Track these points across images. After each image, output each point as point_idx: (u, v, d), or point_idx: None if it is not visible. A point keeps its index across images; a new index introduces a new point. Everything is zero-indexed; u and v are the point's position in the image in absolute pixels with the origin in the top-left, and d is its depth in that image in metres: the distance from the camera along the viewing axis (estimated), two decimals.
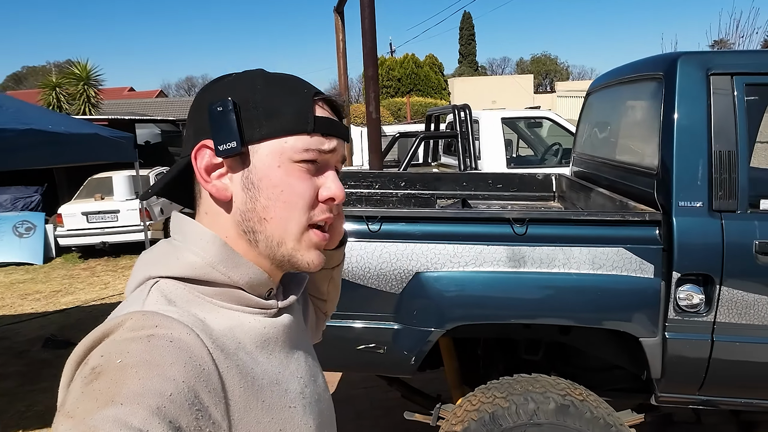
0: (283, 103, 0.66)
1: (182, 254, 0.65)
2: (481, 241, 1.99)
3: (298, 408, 0.68)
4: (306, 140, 0.66)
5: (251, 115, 0.65)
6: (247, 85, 0.67)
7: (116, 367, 0.50)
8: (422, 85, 31.41)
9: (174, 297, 0.62)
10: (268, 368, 0.66)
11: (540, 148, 7.08)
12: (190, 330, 0.57)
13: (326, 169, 0.70)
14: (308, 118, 0.67)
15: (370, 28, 4.60)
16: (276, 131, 0.66)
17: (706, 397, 2.05)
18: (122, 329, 0.55)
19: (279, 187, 0.66)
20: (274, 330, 0.69)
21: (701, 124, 1.96)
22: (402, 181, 3.55)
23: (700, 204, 1.93)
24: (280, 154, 0.66)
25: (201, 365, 0.55)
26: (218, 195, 0.66)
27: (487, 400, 2.05)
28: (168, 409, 0.49)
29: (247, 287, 0.67)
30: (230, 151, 0.64)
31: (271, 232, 0.67)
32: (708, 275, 1.91)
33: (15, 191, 9.62)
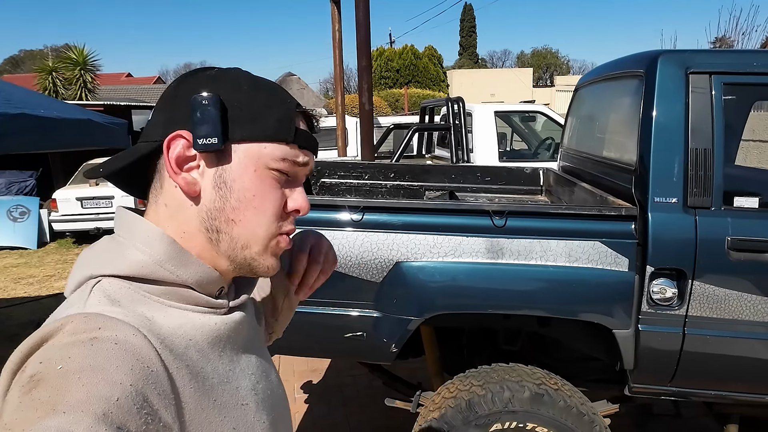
0: (268, 109, 0.66)
1: (128, 251, 0.63)
2: (460, 232, 2.03)
3: (251, 405, 0.68)
4: (284, 149, 0.67)
5: (235, 114, 0.64)
6: (232, 84, 0.66)
7: (57, 374, 0.48)
8: (421, 77, 31.32)
9: (118, 297, 0.60)
10: (218, 366, 0.65)
11: (533, 143, 7.12)
12: (136, 331, 0.55)
13: (295, 182, 0.71)
14: (291, 128, 0.67)
15: (364, 19, 4.61)
16: (257, 135, 0.65)
17: (677, 389, 2.10)
18: (62, 333, 0.52)
19: (251, 191, 0.65)
20: (224, 327, 0.67)
21: (679, 121, 2.00)
22: (391, 172, 3.59)
23: (675, 200, 1.98)
24: (257, 159, 0.65)
25: (149, 367, 0.53)
26: (186, 189, 0.64)
27: (464, 388, 2.10)
28: (115, 415, 0.47)
29: (197, 286, 0.65)
30: (209, 147, 0.63)
31: (237, 235, 0.66)
32: (681, 270, 1.96)
33: (9, 175, 9.61)
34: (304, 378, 3.90)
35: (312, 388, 3.79)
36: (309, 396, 3.67)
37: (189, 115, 0.63)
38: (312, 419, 3.38)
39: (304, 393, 3.71)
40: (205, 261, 0.67)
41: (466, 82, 30.38)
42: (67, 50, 16.82)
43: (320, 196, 3.10)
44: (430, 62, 32.36)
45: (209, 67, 0.69)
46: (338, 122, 7.56)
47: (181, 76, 0.69)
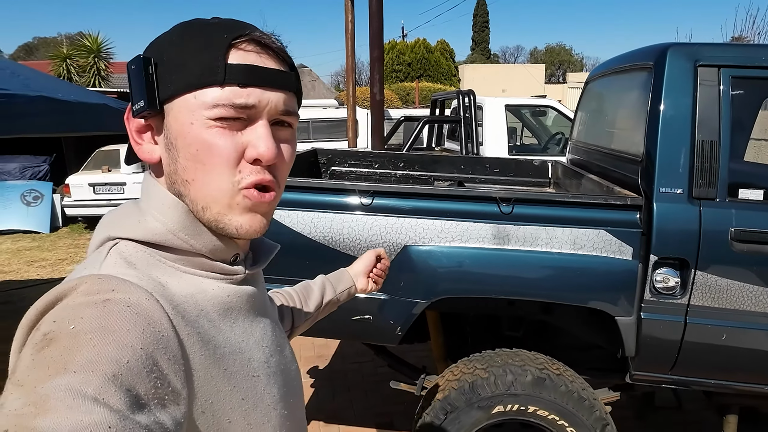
0: (193, 54, 0.60)
1: (144, 218, 0.63)
2: (468, 218, 2.07)
3: (262, 377, 0.67)
4: (216, 93, 0.59)
5: (164, 70, 0.61)
6: (165, 39, 0.63)
7: (69, 334, 0.48)
8: (432, 71, 31.25)
9: (134, 259, 0.60)
10: (230, 336, 0.64)
11: (543, 137, 7.12)
12: (149, 294, 0.55)
13: (253, 125, 0.62)
14: (216, 68, 0.59)
15: (377, 10, 4.64)
16: (184, 86, 0.60)
17: (678, 377, 2.14)
18: (76, 293, 0.52)
19: (193, 145, 0.60)
20: (237, 298, 0.67)
21: (686, 113, 2.02)
22: (401, 162, 3.62)
23: (680, 191, 2.00)
24: (191, 111, 0.60)
25: (160, 331, 0.53)
26: (145, 158, 0.64)
27: (468, 371, 2.15)
28: (125, 377, 0.47)
29: (210, 254, 0.64)
30: (140, 110, 0.61)
31: (194, 196, 0.62)
32: (684, 259, 1.99)
33: (24, 160, 9.72)
34: (311, 363, 3.97)
35: (318, 373, 3.85)
36: (315, 381, 3.74)
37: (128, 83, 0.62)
38: (317, 403, 3.44)
39: (310, 378, 3.77)
40: None
41: (477, 77, 30.26)
42: (81, 38, 16.92)
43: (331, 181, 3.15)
44: (442, 56, 32.26)
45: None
46: (349, 114, 7.60)
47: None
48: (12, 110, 3.08)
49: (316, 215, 2.10)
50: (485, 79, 29.68)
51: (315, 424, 3.20)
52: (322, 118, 8.57)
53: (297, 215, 2.11)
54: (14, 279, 6.31)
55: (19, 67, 3.98)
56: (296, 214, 2.11)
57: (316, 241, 2.09)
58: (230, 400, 0.61)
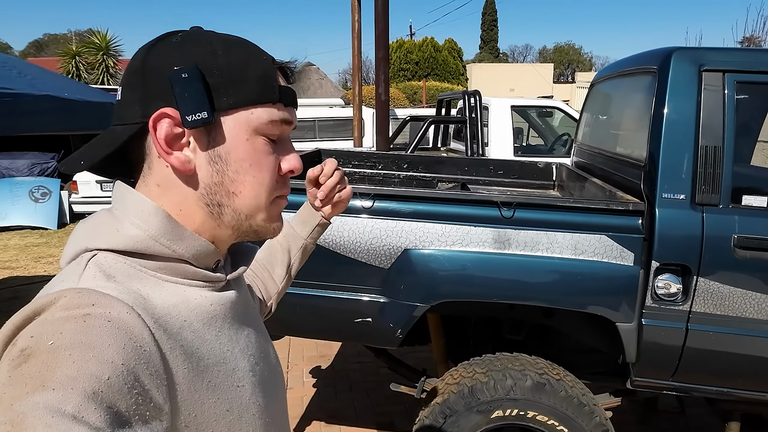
0: (247, 69, 0.63)
1: (122, 226, 0.61)
2: (469, 222, 2.07)
3: (247, 387, 0.67)
4: (271, 111, 0.64)
5: (215, 82, 0.61)
6: (205, 49, 0.62)
7: (48, 349, 0.47)
8: (440, 70, 31.18)
9: (113, 272, 0.59)
10: (215, 347, 0.63)
11: (550, 138, 7.09)
12: (130, 309, 0.53)
13: (285, 141, 0.69)
14: (274, 87, 0.64)
15: (383, 10, 4.64)
16: (243, 100, 0.62)
17: (679, 384, 2.12)
18: (55, 308, 0.51)
19: (247, 160, 0.63)
20: (221, 306, 0.66)
21: (690, 118, 2.01)
22: (405, 163, 3.62)
23: (683, 197, 1.99)
24: (247, 125, 0.63)
25: (141, 346, 0.52)
26: (181, 168, 0.62)
27: (468, 375, 2.15)
28: (105, 394, 0.46)
29: (193, 259, 0.64)
30: (200, 122, 0.60)
31: (239, 206, 0.65)
32: (686, 266, 1.98)
33: (32, 157, 9.80)
34: (313, 363, 3.98)
35: (320, 372, 3.86)
36: (317, 380, 3.74)
37: (169, 91, 0.60)
38: (319, 403, 3.45)
39: (313, 377, 3.78)
40: (204, 234, 0.66)
41: (485, 76, 30.18)
42: (90, 35, 17.05)
43: None
44: (450, 55, 32.18)
45: (171, 33, 0.65)
46: (355, 113, 7.60)
47: (145, 47, 0.64)
48: (18, 109, 3.10)
49: None
50: (493, 79, 29.60)
51: (316, 424, 3.21)
52: (327, 117, 8.57)
53: None
54: (21, 275, 6.36)
55: (26, 66, 4.01)
56: None
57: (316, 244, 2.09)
58: (214, 412, 0.61)
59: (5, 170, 9.55)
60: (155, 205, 0.62)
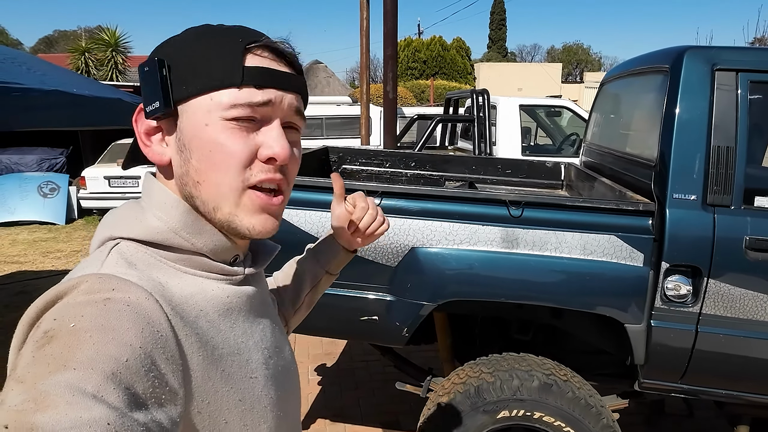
0: (210, 57, 0.62)
1: (145, 217, 0.63)
2: (476, 220, 2.05)
3: (260, 379, 0.67)
4: (233, 94, 0.61)
5: (179, 72, 0.62)
6: (178, 43, 0.64)
7: (69, 331, 0.49)
8: (448, 69, 31.13)
9: (135, 260, 0.61)
10: (229, 337, 0.65)
11: (558, 138, 7.06)
12: (148, 294, 0.55)
13: (267, 125, 0.64)
14: (234, 70, 0.61)
15: (392, 8, 4.62)
16: (200, 87, 0.61)
17: (687, 386, 2.10)
18: (77, 292, 0.53)
19: (207, 147, 0.61)
20: (237, 299, 0.67)
21: (702, 118, 1.98)
22: (412, 161, 3.61)
23: (694, 197, 1.97)
24: (207, 112, 0.61)
25: (159, 331, 0.54)
26: (155, 160, 0.64)
27: (474, 375, 2.13)
28: (123, 375, 0.48)
29: (211, 253, 0.65)
30: (155, 112, 0.61)
31: (205, 197, 0.63)
32: (697, 267, 1.95)
33: (41, 152, 9.86)
34: (319, 361, 3.97)
35: (325, 371, 3.86)
36: (322, 378, 3.74)
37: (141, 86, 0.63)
38: (324, 401, 3.45)
39: (318, 375, 3.78)
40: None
41: (493, 76, 30.08)
42: (99, 31, 17.15)
43: None
44: (458, 54, 32.12)
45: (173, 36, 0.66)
46: (362, 111, 7.59)
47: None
48: (28, 103, 3.11)
49: (325, 215, 2.10)
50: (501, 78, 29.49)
51: (321, 422, 3.20)
52: (335, 115, 8.57)
53: (305, 214, 2.11)
54: (30, 269, 6.40)
55: (36, 62, 4.02)
56: (304, 214, 2.10)
57: None
58: (227, 401, 0.62)
59: (15, 165, 9.62)
60: (177, 198, 0.64)
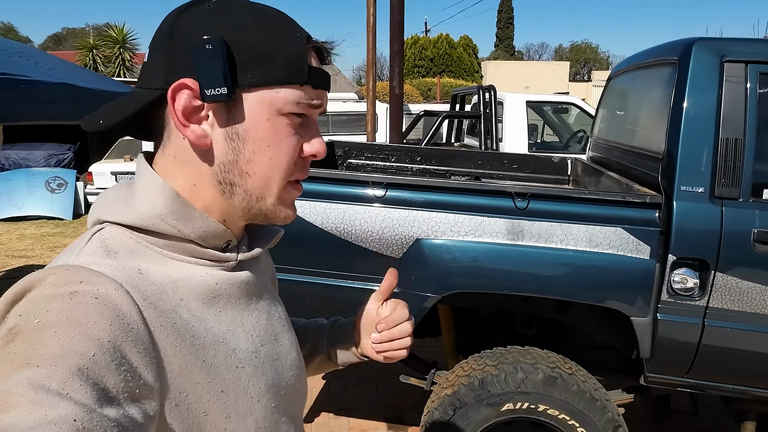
0: (277, 48, 0.60)
1: (133, 201, 0.61)
2: (482, 212, 2.04)
3: (247, 368, 0.64)
4: (298, 93, 0.61)
5: (242, 57, 0.59)
6: (235, 20, 0.60)
7: (34, 328, 0.47)
8: (455, 67, 31.05)
9: (116, 247, 0.59)
10: (213, 326, 0.62)
11: (565, 135, 7.02)
12: (118, 286, 0.53)
13: (310, 124, 0.66)
14: (303, 68, 0.61)
15: (398, 3, 4.61)
16: (268, 79, 0.60)
17: (694, 381, 2.09)
18: (43, 285, 0.51)
19: (266, 141, 0.61)
20: (228, 285, 0.65)
21: (710, 110, 1.97)
22: (418, 155, 3.60)
23: (701, 190, 1.95)
24: (269, 105, 0.60)
25: (129, 324, 0.51)
26: (197, 142, 0.60)
27: (479, 367, 2.13)
28: (91, 371, 0.46)
29: (200, 240, 0.63)
30: (218, 98, 0.58)
31: (251, 187, 0.63)
32: (704, 260, 1.94)
33: (49, 148, 9.93)
34: None
35: None
36: (327, 373, 3.74)
37: (191, 62, 0.57)
38: (328, 395, 3.45)
39: None
40: (214, 213, 0.64)
41: (500, 74, 29.98)
42: (107, 29, 17.22)
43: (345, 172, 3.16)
44: (465, 52, 32.03)
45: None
46: (369, 107, 7.58)
47: (176, 11, 0.61)
48: (34, 97, 3.13)
49: (329, 206, 2.09)
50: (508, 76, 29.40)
51: (325, 416, 3.20)
52: (341, 111, 8.57)
53: (310, 205, 2.10)
54: (37, 264, 6.44)
55: (43, 56, 4.04)
56: (309, 204, 2.10)
57: (327, 231, 2.08)
58: (208, 393, 0.59)
59: (23, 161, 9.69)
60: (163, 183, 0.61)
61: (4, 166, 9.58)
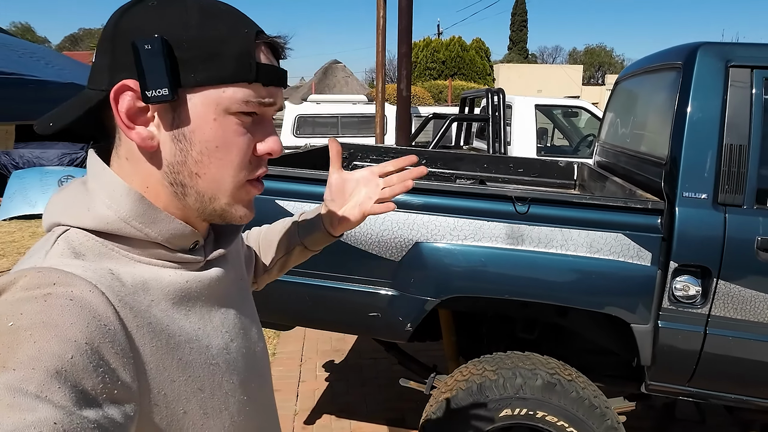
0: (222, 45, 0.58)
1: (94, 205, 0.59)
2: (482, 216, 2.03)
3: (221, 364, 0.65)
4: (246, 91, 0.60)
5: (185, 56, 0.57)
6: (179, 18, 0.58)
7: (8, 331, 0.46)
8: (467, 69, 31.02)
9: (83, 249, 0.57)
10: (185, 324, 0.62)
11: (575, 139, 6.98)
12: (92, 287, 0.52)
13: (264, 121, 0.64)
14: (251, 66, 0.59)
15: (406, 5, 4.61)
16: (213, 79, 0.58)
17: (696, 390, 2.06)
18: (15, 288, 0.50)
19: (213, 141, 0.60)
20: (197, 284, 0.65)
21: (714, 115, 1.94)
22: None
23: (704, 196, 1.93)
24: (216, 105, 0.59)
25: (106, 324, 0.51)
26: (142, 144, 0.59)
27: (477, 372, 2.12)
28: (69, 373, 0.45)
29: (166, 243, 0.62)
30: (160, 99, 0.56)
31: (203, 188, 0.62)
32: (706, 267, 1.91)
33: (62, 147, 10.03)
34: (327, 357, 3.98)
35: (333, 367, 3.86)
36: (330, 374, 3.74)
37: (133, 62, 0.56)
38: (331, 396, 3.45)
39: (326, 371, 3.78)
40: (174, 214, 0.63)
41: (513, 77, 29.88)
42: None
43: None
44: (477, 55, 31.98)
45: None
46: (377, 110, 7.59)
47: (120, 10, 0.60)
48: (44, 96, 3.18)
49: None
50: (521, 79, 29.30)
51: (327, 418, 3.20)
52: (351, 113, 8.58)
53: (308, 207, 2.10)
54: None
55: (55, 56, 4.10)
56: (308, 207, 2.10)
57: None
58: (185, 390, 0.59)
59: (36, 159, 9.80)
60: (127, 186, 0.60)
61: (18, 165, 9.70)
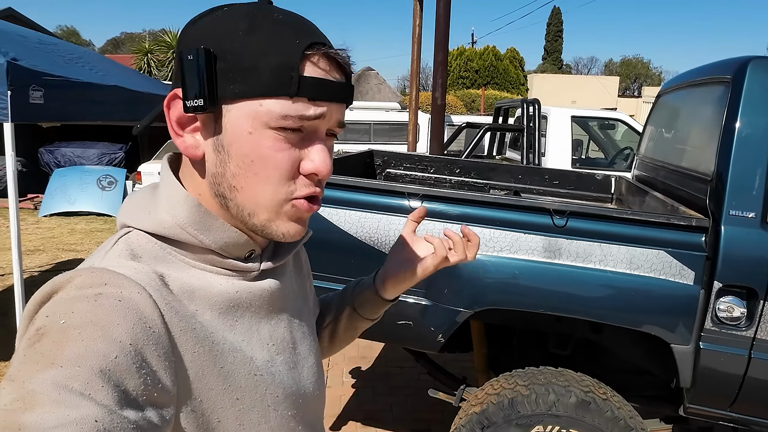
0: (264, 57, 0.56)
1: (155, 209, 0.61)
2: (519, 228, 2.00)
3: (265, 376, 0.64)
4: (286, 105, 0.57)
5: (227, 67, 0.56)
6: (228, 29, 0.57)
7: (59, 328, 0.48)
8: (500, 79, 30.81)
9: (142, 251, 0.59)
10: (229, 334, 0.62)
11: (611, 151, 6.85)
12: (141, 289, 0.53)
13: (313, 138, 0.61)
14: (290, 79, 0.56)
15: (444, 13, 4.61)
16: (250, 91, 0.56)
17: (737, 415, 1.98)
18: (70, 287, 0.51)
19: (249, 156, 0.58)
20: (248, 294, 0.64)
21: (764, 131, 1.88)
22: (457, 168, 3.57)
23: (752, 215, 1.86)
24: (252, 118, 0.57)
25: (151, 327, 0.52)
26: (187, 152, 0.60)
27: (509, 386, 2.08)
28: (113, 372, 0.47)
29: (221, 250, 0.62)
30: (196, 109, 0.56)
31: (241, 202, 0.60)
32: (752, 289, 1.84)
33: (102, 147, 10.32)
34: (354, 364, 3.97)
35: (360, 374, 3.85)
36: (356, 381, 3.74)
37: (180, 72, 0.57)
38: (357, 403, 3.44)
39: (352, 378, 3.78)
40: (230, 223, 0.63)
41: (547, 87, 29.54)
42: (162, 34, 17.86)
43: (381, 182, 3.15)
44: (511, 65, 31.75)
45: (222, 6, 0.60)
46: (411, 117, 7.59)
47: (190, 21, 0.61)
48: (88, 97, 3.27)
49: (364, 215, 2.09)
50: (555, 90, 28.95)
51: (352, 425, 3.19)
52: (383, 120, 8.61)
53: (345, 214, 2.11)
54: (85, 258, 6.68)
55: (99, 60, 4.21)
56: (344, 213, 2.11)
57: (361, 240, 2.08)
58: (222, 400, 0.59)
59: (77, 159, 10.10)
60: (186, 193, 0.61)
61: (60, 163, 10.01)
